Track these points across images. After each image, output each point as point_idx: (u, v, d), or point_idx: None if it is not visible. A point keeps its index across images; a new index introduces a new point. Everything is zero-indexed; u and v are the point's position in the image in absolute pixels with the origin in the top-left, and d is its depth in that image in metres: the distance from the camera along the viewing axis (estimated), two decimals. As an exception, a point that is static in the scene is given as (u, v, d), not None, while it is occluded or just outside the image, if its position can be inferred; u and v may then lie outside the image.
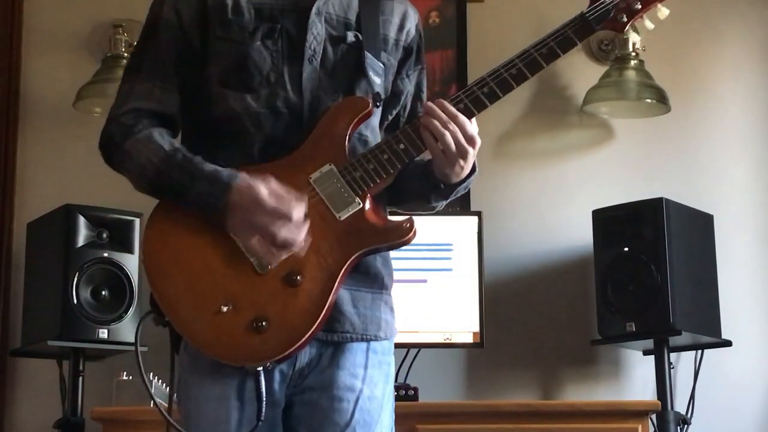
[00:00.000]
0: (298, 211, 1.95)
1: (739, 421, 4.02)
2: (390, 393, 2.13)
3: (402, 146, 2.02)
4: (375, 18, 2.13)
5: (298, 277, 1.97)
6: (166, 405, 2.05)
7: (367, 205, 2.02)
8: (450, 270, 3.84)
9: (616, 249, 3.79)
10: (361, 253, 2.01)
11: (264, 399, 1.97)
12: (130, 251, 3.75)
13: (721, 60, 4.27)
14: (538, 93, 4.15)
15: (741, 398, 4.03)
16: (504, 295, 4.05)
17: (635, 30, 2.13)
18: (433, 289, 3.83)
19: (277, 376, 2.03)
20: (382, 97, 2.11)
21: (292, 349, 1.96)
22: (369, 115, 2.06)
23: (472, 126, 2.01)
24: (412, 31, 2.20)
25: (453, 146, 1.99)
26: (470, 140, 2.01)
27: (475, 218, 3.88)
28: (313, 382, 2.05)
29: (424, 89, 2.26)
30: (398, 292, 3.78)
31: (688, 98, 4.21)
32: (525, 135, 4.21)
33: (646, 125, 4.19)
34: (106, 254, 3.71)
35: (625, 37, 4.05)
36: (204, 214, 1.98)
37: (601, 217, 3.86)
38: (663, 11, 2.07)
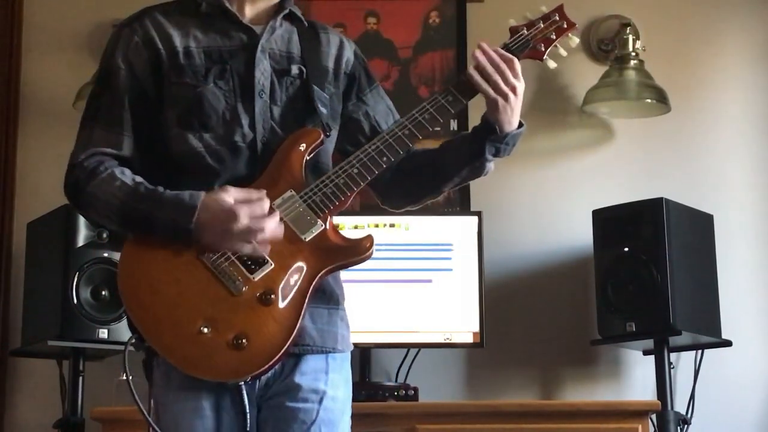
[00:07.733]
0: (266, 204, 2.09)
1: (739, 421, 4.02)
2: (349, 398, 2.24)
3: (356, 170, 2.17)
4: (316, 51, 2.29)
5: (272, 296, 2.09)
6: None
7: (328, 226, 2.16)
8: (450, 270, 3.84)
9: (616, 249, 3.79)
10: (327, 270, 2.15)
11: (248, 412, 2.10)
12: (130, 251, 3.75)
13: (721, 60, 4.27)
14: (538, 93, 4.14)
15: (741, 398, 4.03)
16: (504, 295, 4.05)
17: (552, 58, 2.31)
18: (433, 288, 3.83)
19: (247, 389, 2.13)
20: (332, 127, 2.25)
21: (271, 363, 2.08)
22: (321, 143, 2.21)
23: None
24: (351, 58, 2.35)
25: (502, 85, 2.19)
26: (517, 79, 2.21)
27: (475, 218, 3.88)
28: (278, 389, 2.16)
29: (390, 104, 2.40)
30: (399, 292, 3.84)
31: (688, 98, 4.21)
32: (525, 135, 4.13)
33: (646, 125, 4.19)
34: (106, 254, 3.72)
35: (625, 36, 4.06)
36: (175, 239, 2.08)
37: (601, 217, 3.86)
38: (574, 39, 2.34)
